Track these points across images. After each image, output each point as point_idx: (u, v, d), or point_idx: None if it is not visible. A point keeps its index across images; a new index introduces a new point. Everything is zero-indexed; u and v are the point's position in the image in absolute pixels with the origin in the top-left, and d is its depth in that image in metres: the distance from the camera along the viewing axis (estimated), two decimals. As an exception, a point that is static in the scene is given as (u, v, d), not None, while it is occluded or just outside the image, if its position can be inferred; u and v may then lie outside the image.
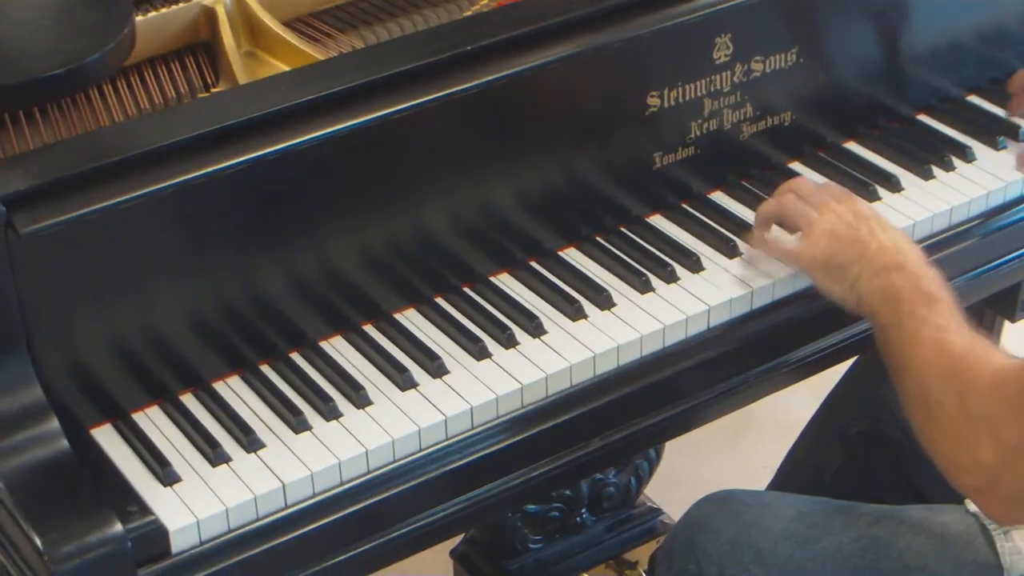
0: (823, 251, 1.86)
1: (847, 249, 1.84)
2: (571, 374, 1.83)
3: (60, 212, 1.65)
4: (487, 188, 1.92)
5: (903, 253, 1.82)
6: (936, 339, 1.71)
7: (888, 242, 1.83)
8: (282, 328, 1.83)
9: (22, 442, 1.65)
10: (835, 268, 1.85)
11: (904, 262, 1.80)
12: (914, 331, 1.73)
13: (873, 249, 1.83)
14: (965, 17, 2.25)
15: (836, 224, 1.87)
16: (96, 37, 1.77)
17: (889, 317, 1.77)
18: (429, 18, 2.10)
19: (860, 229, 1.85)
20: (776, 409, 2.86)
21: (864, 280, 1.81)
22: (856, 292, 1.83)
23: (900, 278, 1.78)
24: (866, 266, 1.82)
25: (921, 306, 1.75)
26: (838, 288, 1.86)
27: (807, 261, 1.89)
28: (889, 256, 1.81)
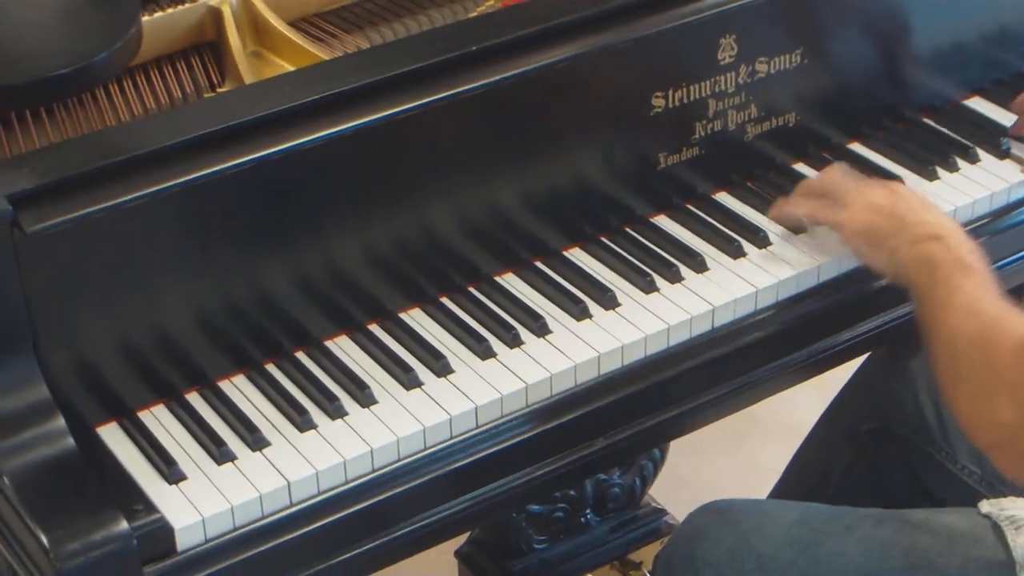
0: (864, 222, 1.90)
1: (887, 221, 1.88)
2: (576, 374, 1.83)
3: (66, 211, 1.66)
4: (492, 188, 1.92)
5: (942, 226, 1.85)
6: (967, 305, 1.74)
7: (927, 216, 1.87)
8: (287, 327, 1.84)
9: (28, 440, 1.65)
10: (876, 238, 1.89)
11: (943, 234, 1.83)
12: (947, 297, 1.76)
13: (912, 221, 1.86)
14: (969, 19, 2.25)
15: (876, 199, 1.91)
16: (103, 37, 1.78)
17: (925, 284, 1.80)
18: (435, 18, 2.10)
19: (898, 204, 1.89)
20: (781, 410, 2.86)
21: (904, 250, 1.84)
22: (896, 261, 1.86)
23: (938, 248, 1.81)
24: (906, 236, 1.85)
25: (956, 273, 1.78)
26: (879, 257, 1.89)
27: (849, 232, 1.92)
28: (928, 227, 1.85)
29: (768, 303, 1.95)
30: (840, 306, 1.99)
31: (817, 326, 1.99)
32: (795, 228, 2.02)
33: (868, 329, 2.01)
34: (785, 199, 2.02)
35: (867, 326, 2.01)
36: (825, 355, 2.02)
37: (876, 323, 2.04)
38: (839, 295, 1.99)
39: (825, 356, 2.02)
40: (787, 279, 1.96)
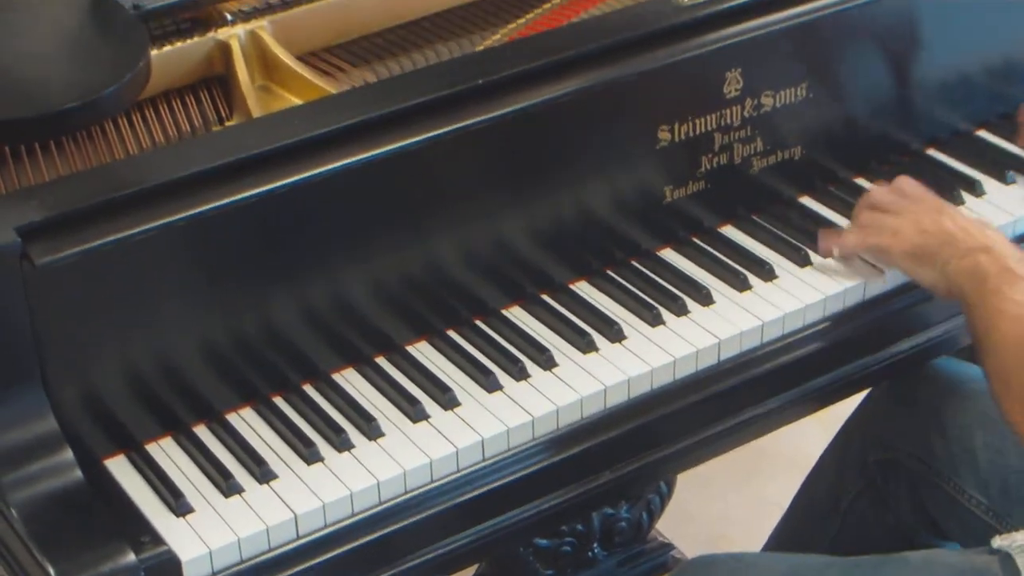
0: (911, 243, 1.93)
1: (935, 236, 1.91)
2: (582, 406, 1.83)
3: (75, 244, 1.66)
4: (498, 221, 1.93)
5: (989, 238, 1.88)
6: (1014, 314, 1.77)
7: (974, 229, 1.91)
8: (294, 360, 1.84)
9: (36, 472, 1.66)
10: (924, 256, 1.92)
11: (990, 245, 1.86)
12: (996, 306, 1.79)
13: (960, 236, 1.89)
14: (974, 52, 2.26)
15: (919, 220, 1.94)
16: (112, 71, 1.78)
17: (976, 295, 1.82)
18: (441, 52, 2.10)
19: (944, 222, 1.93)
20: (787, 444, 2.86)
21: (953, 263, 1.87)
22: (946, 275, 1.88)
23: (987, 259, 1.84)
24: (954, 250, 1.88)
25: (1005, 283, 1.80)
26: (928, 273, 1.92)
27: (898, 254, 1.95)
28: (976, 240, 1.88)
29: (774, 336, 1.95)
30: (846, 339, 1.99)
31: (823, 359, 1.99)
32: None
33: (875, 362, 2.02)
34: (832, 233, 2.04)
35: (874, 359, 2.01)
36: (832, 388, 2.02)
37: (883, 356, 2.04)
38: (845, 328, 2.00)
39: (832, 389, 2.02)
40: (792, 312, 1.96)
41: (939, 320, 2.08)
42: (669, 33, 2.00)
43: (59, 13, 1.91)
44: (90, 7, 1.92)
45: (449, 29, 2.15)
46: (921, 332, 2.08)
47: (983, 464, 2.03)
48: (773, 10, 2.06)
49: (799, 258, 2.04)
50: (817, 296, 1.98)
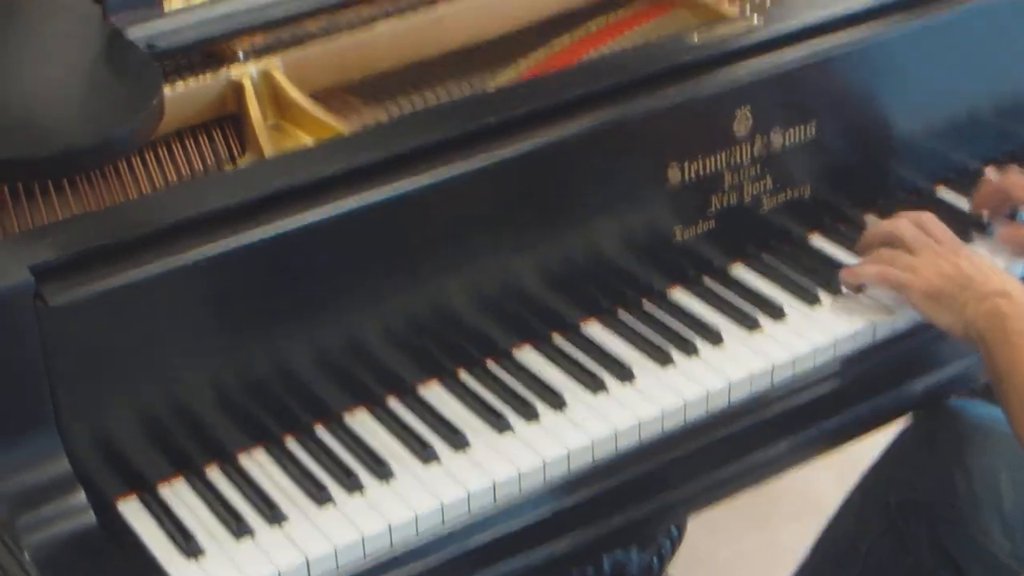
0: (931, 284, 1.94)
1: (952, 282, 1.92)
2: (593, 449, 1.84)
3: (88, 283, 1.67)
4: (508, 261, 1.93)
5: (1008, 283, 1.90)
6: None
7: (993, 275, 1.92)
8: (306, 401, 1.84)
9: (49, 514, 1.66)
10: (943, 298, 1.93)
11: (1010, 291, 1.88)
12: (1019, 347, 1.81)
13: (979, 280, 1.91)
14: (982, 90, 2.27)
15: (941, 263, 1.95)
16: (126, 110, 1.79)
17: (996, 338, 1.84)
18: (452, 92, 2.11)
19: (962, 265, 1.94)
20: (799, 488, 2.86)
21: (971, 307, 1.88)
22: (964, 318, 1.89)
23: (1006, 303, 1.86)
24: (973, 294, 1.89)
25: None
26: (946, 316, 1.92)
27: (917, 294, 1.95)
28: (994, 283, 1.90)
29: (784, 377, 1.96)
30: (857, 380, 1.99)
31: (835, 399, 1.99)
32: None
33: (887, 402, 2.02)
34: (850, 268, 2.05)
35: (886, 399, 2.02)
36: (844, 429, 2.02)
37: (895, 396, 2.05)
38: (856, 369, 2.00)
39: (844, 430, 2.02)
40: (803, 353, 1.96)
41: (950, 360, 2.08)
42: (678, 72, 2.01)
43: (73, 52, 1.92)
44: (104, 46, 1.92)
45: (461, 68, 2.16)
46: (933, 372, 2.09)
47: (1007, 506, 2.03)
48: (782, 49, 2.06)
49: (809, 298, 2.04)
50: (828, 337, 1.98)
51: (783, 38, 2.08)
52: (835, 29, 2.10)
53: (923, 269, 1.96)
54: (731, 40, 2.06)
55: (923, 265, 1.96)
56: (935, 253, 1.98)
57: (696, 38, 2.06)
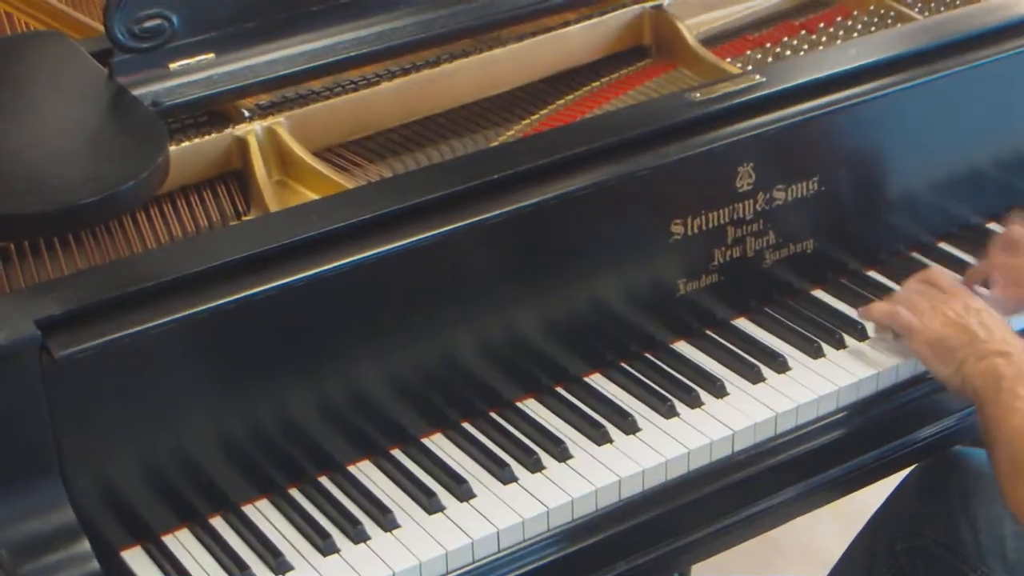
0: (935, 334, 1.96)
1: (957, 335, 1.94)
2: (597, 498, 1.84)
3: (94, 337, 1.68)
4: (513, 315, 1.94)
5: (1010, 344, 1.91)
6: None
7: (997, 333, 1.93)
8: (311, 452, 1.85)
9: (53, 564, 1.66)
10: (945, 350, 1.94)
11: (1009, 350, 1.89)
12: (1009, 404, 1.82)
13: (982, 337, 1.92)
14: (983, 146, 2.28)
15: (948, 313, 1.97)
16: (131, 166, 1.80)
17: (989, 394, 1.85)
18: (456, 148, 2.13)
19: (970, 319, 1.95)
20: (802, 536, 2.85)
21: (970, 363, 1.90)
22: (961, 374, 1.91)
23: (1004, 362, 1.87)
24: (973, 351, 1.91)
25: (1020, 384, 1.83)
26: (945, 369, 1.94)
27: (921, 342, 1.98)
28: (996, 344, 1.91)
29: (787, 427, 1.96)
30: (860, 430, 1.99)
31: (838, 450, 1.99)
32: None
33: (890, 452, 2.02)
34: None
35: (888, 449, 2.02)
36: (847, 479, 2.02)
37: (897, 446, 2.05)
38: (859, 419, 2.00)
39: (847, 480, 2.02)
40: (806, 404, 1.97)
41: (954, 410, 2.09)
42: (681, 128, 2.03)
43: (79, 109, 1.94)
44: (109, 103, 1.94)
45: (464, 125, 2.17)
46: (936, 422, 2.10)
47: (1011, 554, 2.03)
48: (784, 106, 2.08)
49: (812, 350, 2.05)
50: (830, 387, 1.99)
51: (784, 95, 2.09)
52: (836, 86, 2.12)
53: (930, 316, 1.98)
54: (733, 97, 2.07)
55: (931, 314, 1.98)
56: (944, 303, 2.00)
57: (698, 96, 2.07)
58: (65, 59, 2.01)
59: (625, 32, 2.34)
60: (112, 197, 1.76)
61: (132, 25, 1.95)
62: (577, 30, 2.29)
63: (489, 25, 2.21)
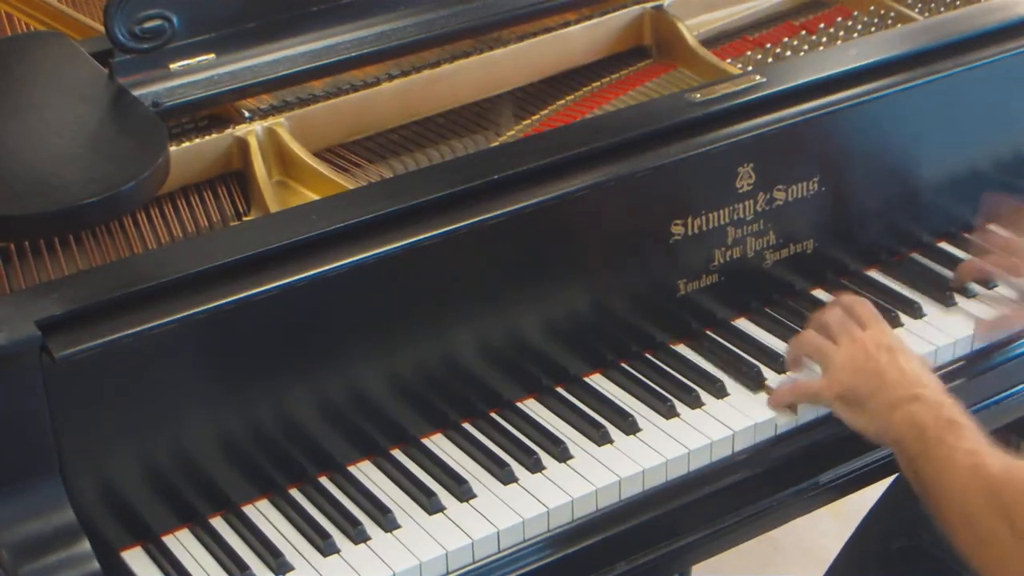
0: (842, 386, 1.89)
1: (866, 382, 1.87)
2: (597, 498, 1.84)
3: (94, 337, 1.68)
4: (513, 315, 1.94)
5: (920, 385, 1.84)
6: (969, 464, 1.72)
7: (908, 371, 1.86)
8: (311, 452, 1.85)
9: (54, 564, 1.66)
10: (855, 401, 1.88)
11: (921, 393, 1.82)
12: (946, 458, 1.74)
13: (891, 380, 1.85)
14: (983, 146, 2.28)
15: (854, 357, 1.90)
16: (131, 167, 1.80)
17: (915, 447, 1.78)
18: (456, 148, 2.13)
19: (879, 359, 1.88)
20: (802, 536, 2.85)
21: (883, 412, 1.83)
22: (876, 423, 1.85)
23: (921, 408, 1.80)
24: (885, 398, 1.84)
25: (947, 433, 1.76)
26: (859, 420, 1.88)
27: (829, 399, 1.91)
28: (907, 388, 1.83)
29: (788, 428, 1.96)
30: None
31: (837, 451, 1.99)
32: None
33: (887, 453, 2.01)
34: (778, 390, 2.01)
35: (886, 451, 2.01)
36: (845, 480, 2.02)
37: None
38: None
39: (845, 481, 2.02)
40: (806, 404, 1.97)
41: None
42: (681, 129, 2.03)
43: (80, 110, 1.94)
44: (110, 104, 1.94)
45: (464, 125, 2.18)
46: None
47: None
48: (784, 106, 2.08)
49: (812, 350, 2.05)
50: (830, 388, 1.99)
51: (784, 95, 2.10)
52: (836, 86, 2.12)
53: (836, 367, 1.91)
54: (733, 98, 2.07)
55: (838, 359, 1.91)
56: (852, 342, 1.92)
57: (698, 96, 2.07)
58: (65, 60, 2.02)
59: (625, 32, 2.34)
60: (112, 198, 1.76)
61: (132, 25, 1.96)
62: (577, 30, 2.30)
63: (489, 25, 2.22)
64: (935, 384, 1.85)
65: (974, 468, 1.71)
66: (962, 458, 1.73)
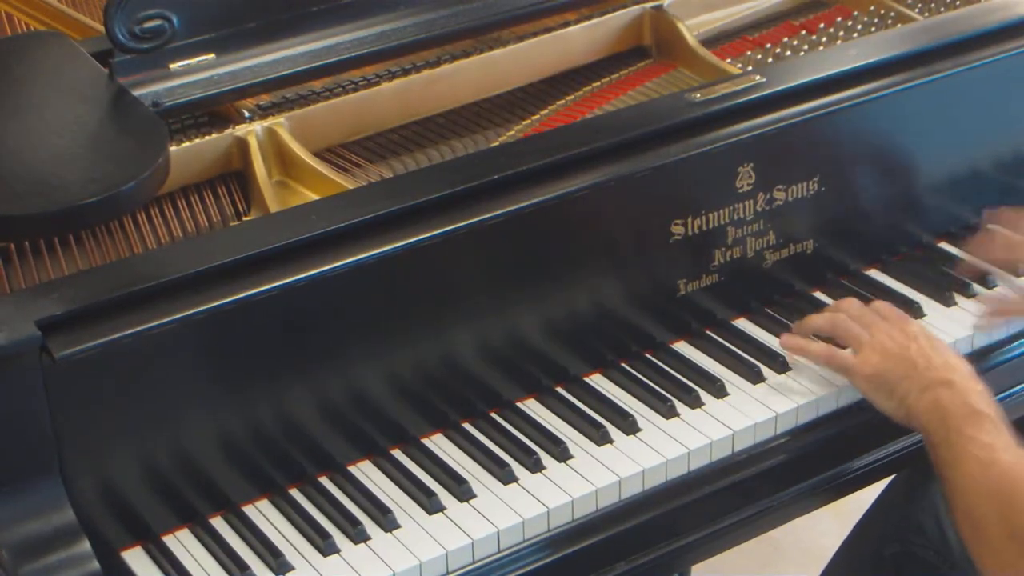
0: (874, 368, 1.90)
1: (897, 366, 1.88)
2: (597, 498, 1.84)
3: (94, 337, 1.68)
4: (513, 315, 1.94)
5: (951, 370, 1.85)
6: (981, 457, 1.73)
7: (937, 359, 1.87)
8: (311, 452, 1.85)
9: (54, 564, 1.66)
10: (885, 384, 1.89)
11: (952, 379, 1.83)
12: (960, 448, 1.75)
13: (922, 366, 1.86)
14: (983, 146, 2.28)
15: (886, 342, 1.91)
16: (131, 167, 1.80)
17: (937, 433, 1.80)
18: (456, 148, 2.13)
19: (909, 347, 1.90)
20: (802, 537, 2.85)
21: (913, 396, 1.85)
22: (905, 407, 1.86)
23: (948, 395, 1.81)
24: (915, 383, 1.85)
25: (968, 423, 1.77)
26: (888, 403, 1.90)
27: (859, 378, 1.93)
28: (937, 372, 1.85)
29: (787, 428, 1.96)
30: (860, 430, 1.99)
31: (837, 450, 1.99)
32: None
33: (888, 453, 2.02)
34: (797, 334, 2.02)
35: (887, 450, 2.02)
36: (845, 479, 2.02)
37: (896, 447, 2.04)
38: (858, 419, 2.00)
39: (845, 480, 2.02)
40: (806, 404, 1.97)
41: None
42: (681, 129, 2.03)
43: (80, 110, 1.94)
44: (110, 104, 1.94)
45: (464, 125, 2.18)
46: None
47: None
48: (784, 106, 2.08)
49: (812, 350, 2.05)
50: (830, 388, 1.99)
51: (784, 95, 2.10)
52: (836, 86, 2.12)
53: (868, 348, 1.92)
54: (733, 98, 2.07)
55: (869, 342, 1.92)
56: (883, 331, 1.94)
57: (698, 96, 2.07)
58: (65, 60, 2.02)
59: (625, 32, 2.34)
60: (112, 198, 1.76)
61: (132, 26, 1.96)
62: (577, 30, 2.30)
63: (489, 25, 2.22)
64: (966, 371, 1.86)
65: (984, 463, 1.73)
66: (975, 450, 1.74)
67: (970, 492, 1.73)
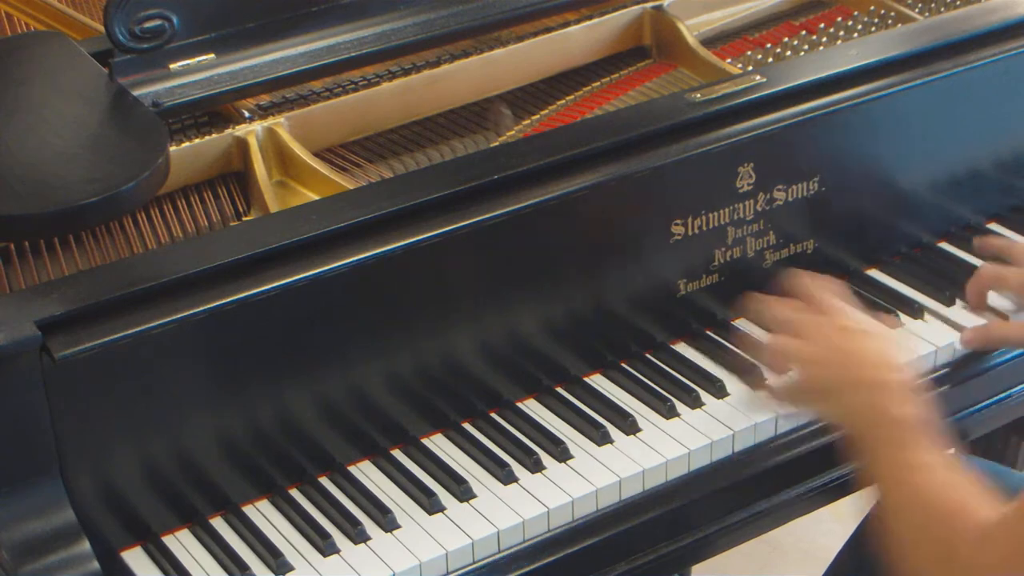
0: (813, 380, 1.87)
1: (829, 369, 1.84)
2: (597, 498, 1.84)
3: (94, 337, 1.68)
4: (513, 315, 1.94)
5: (887, 369, 1.80)
6: (915, 482, 1.69)
7: (872, 356, 1.82)
8: (311, 452, 1.85)
9: (54, 564, 1.66)
10: (820, 390, 1.86)
11: (885, 380, 1.78)
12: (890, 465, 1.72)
13: (854, 362, 1.81)
14: (984, 146, 2.28)
15: (819, 350, 1.86)
16: (131, 167, 1.80)
17: (866, 441, 1.76)
18: (457, 148, 2.13)
19: (842, 344, 1.84)
20: (802, 537, 2.85)
21: (847, 395, 1.80)
22: (840, 407, 1.82)
23: (880, 397, 1.76)
24: (847, 380, 1.81)
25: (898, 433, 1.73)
26: (825, 407, 1.87)
27: (805, 397, 1.90)
28: (869, 371, 1.80)
29: (788, 428, 1.96)
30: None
31: (838, 450, 1.98)
32: None
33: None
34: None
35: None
36: (846, 480, 2.01)
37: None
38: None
39: (846, 481, 2.01)
40: (807, 405, 1.97)
41: (949, 412, 2.06)
42: (682, 129, 2.03)
43: (80, 110, 1.94)
44: (110, 104, 1.95)
45: (464, 125, 2.18)
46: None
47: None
48: (784, 106, 2.08)
49: (812, 351, 2.04)
50: (830, 388, 1.99)
51: (784, 95, 2.09)
52: (836, 86, 2.12)
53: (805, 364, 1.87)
54: (733, 98, 2.07)
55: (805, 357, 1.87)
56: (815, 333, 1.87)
57: (698, 96, 2.07)
58: (65, 60, 2.02)
59: (625, 32, 2.34)
60: (112, 198, 1.77)
61: (132, 25, 1.96)
62: (577, 30, 2.30)
63: (489, 25, 2.22)
64: (900, 372, 1.81)
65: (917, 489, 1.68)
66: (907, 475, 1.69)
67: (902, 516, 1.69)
